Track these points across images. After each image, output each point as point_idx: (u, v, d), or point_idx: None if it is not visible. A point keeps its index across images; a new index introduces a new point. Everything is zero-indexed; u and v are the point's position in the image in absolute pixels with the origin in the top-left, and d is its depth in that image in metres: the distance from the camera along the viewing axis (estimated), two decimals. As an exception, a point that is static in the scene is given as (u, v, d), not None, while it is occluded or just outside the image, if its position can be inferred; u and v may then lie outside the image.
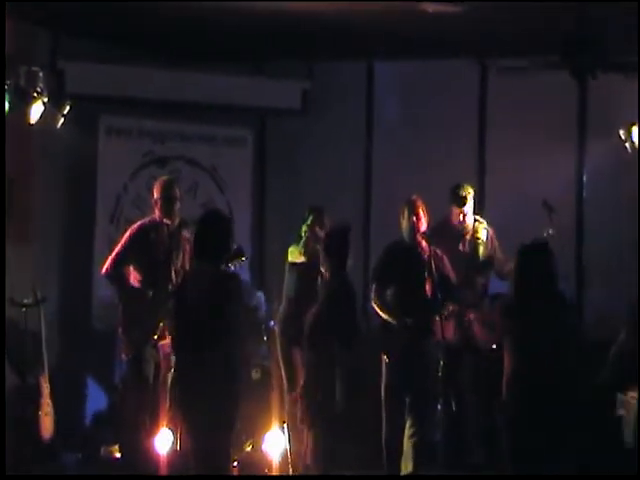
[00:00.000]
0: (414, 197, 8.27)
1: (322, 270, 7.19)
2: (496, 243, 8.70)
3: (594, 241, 9.77)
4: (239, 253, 7.31)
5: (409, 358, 7.81)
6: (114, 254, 8.28)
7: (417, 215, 8.13)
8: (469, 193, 8.61)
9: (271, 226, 10.69)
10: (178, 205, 8.31)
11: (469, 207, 8.61)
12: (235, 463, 7.29)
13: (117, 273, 8.25)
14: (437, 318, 7.92)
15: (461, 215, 8.62)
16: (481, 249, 8.65)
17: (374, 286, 8.22)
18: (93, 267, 9.64)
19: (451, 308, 8.19)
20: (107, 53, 9.84)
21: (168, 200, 8.25)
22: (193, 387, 6.60)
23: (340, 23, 9.04)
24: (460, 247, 8.61)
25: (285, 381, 8.37)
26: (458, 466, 8.21)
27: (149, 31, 9.55)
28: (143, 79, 9.94)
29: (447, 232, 8.58)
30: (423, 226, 8.16)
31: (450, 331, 8.19)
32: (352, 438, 8.89)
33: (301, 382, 8.26)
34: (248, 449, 8.61)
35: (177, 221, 8.31)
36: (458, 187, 8.65)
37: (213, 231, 6.96)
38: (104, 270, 8.29)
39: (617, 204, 9.66)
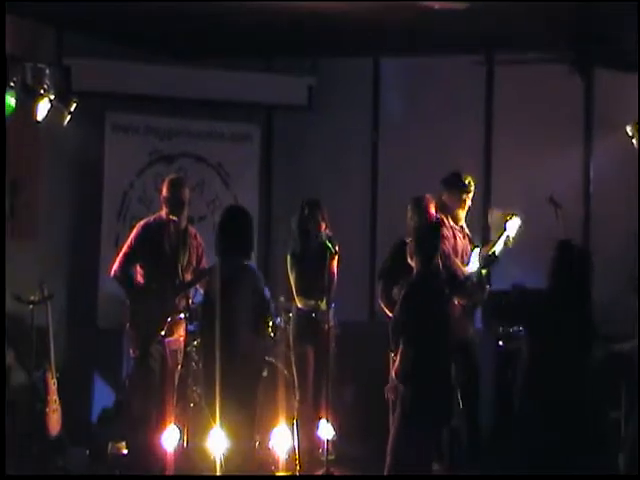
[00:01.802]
0: (422, 195, 8.27)
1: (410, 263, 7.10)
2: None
3: (601, 236, 9.75)
4: None
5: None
6: (121, 255, 8.28)
7: (429, 212, 8.14)
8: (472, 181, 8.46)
9: (277, 221, 10.69)
10: (186, 205, 8.30)
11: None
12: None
13: (125, 274, 8.25)
14: None
15: (465, 203, 8.42)
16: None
17: (381, 284, 8.22)
18: (100, 264, 9.66)
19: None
20: (113, 50, 9.84)
21: (176, 200, 8.25)
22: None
23: (346, 19, 9.04)
24: (465, 240, 8.49)
25: (296, 379, 8.38)
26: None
27: (155, 28, 9.54)
28: (149, 76, 9.94)
29: (448, 222, 8.44)
30: None
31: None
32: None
33: (311, 379, 8.30)
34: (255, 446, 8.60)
35: (185, 220, 8.31)
36: (459, 174, 8.36)
37: (236, 226, 7.09)
38: (112, 272, 8.28)
39: (624, 200, 9.64)
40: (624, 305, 8.17)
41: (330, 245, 8.15)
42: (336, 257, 8.30)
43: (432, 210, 8.22)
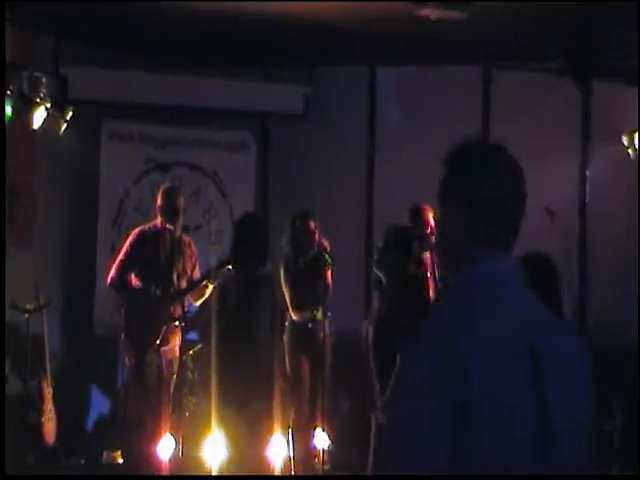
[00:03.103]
0: (419, 205, 8.26)
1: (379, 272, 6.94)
2: None
3: (597, 247, 9.76)
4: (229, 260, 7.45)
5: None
6: (117, 263, 8.27)
7: (427, 223, 8.14)
8: None
9: (273, 230, 10.67)
10: (181, 214, 8.30)
11: None
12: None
13: (121, 281, 8.24)
14: None
15: None
16: None
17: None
18: (96, 272, 9.65)
19: None
20: (110, 58, 9.84)
21: (171, 209, 8.24)
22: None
23: (342, 28, 9.04)
24: None
25: (292, 388, 8.37)
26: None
27: (151, 36, 9.55)
28: (146, 84, 9.93)
29: None
30: None
31: None
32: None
33: (307, 389, 8.28)
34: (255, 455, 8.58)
35: (179, 229, 8.31)
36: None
37: (253, 234, 7.12)
38: (109, 279, 8.27)
39: (620, 210, 9.65)
40: (623, 309, 8.20)
41: (326, 257, 8.13)
42: (330, 267, 8.28)
43: (431, 220, 8.20)
